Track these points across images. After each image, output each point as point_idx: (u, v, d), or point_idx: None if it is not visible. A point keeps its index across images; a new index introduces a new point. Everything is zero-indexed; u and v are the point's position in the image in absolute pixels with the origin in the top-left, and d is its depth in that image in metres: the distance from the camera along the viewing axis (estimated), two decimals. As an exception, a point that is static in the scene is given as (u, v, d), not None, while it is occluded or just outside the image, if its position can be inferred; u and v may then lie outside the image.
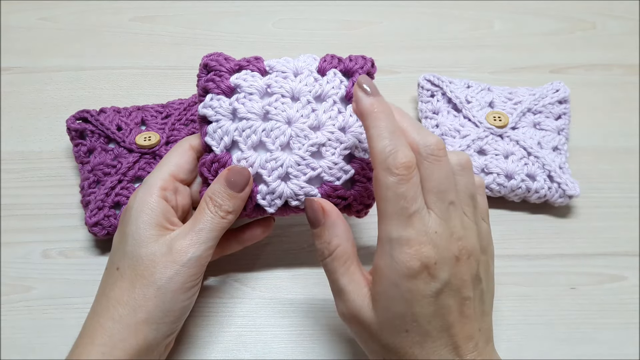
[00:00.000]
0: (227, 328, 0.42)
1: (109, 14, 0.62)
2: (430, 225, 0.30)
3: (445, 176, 0.31)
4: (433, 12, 0.64)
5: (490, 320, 0.34)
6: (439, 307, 0.30)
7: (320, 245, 0.33)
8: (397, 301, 0.30)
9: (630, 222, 0.48)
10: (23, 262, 0.44)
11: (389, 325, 0.31)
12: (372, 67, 0.40)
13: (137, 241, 0.34)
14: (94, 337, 0.33)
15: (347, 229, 0.33)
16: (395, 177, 0.30)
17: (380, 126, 0.31)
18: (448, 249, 0.30)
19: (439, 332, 0.30)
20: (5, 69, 0.56)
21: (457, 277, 0.30)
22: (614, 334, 0.42)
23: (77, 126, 0.46)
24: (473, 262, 0.31)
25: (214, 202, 0.35)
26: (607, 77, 0.59)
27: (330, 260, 0.33)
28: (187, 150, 0.38)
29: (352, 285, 0.32)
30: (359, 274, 0.33)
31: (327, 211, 0.33)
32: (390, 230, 0.30)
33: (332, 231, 0.33)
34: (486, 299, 0.33)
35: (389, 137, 0.30)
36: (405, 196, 0.30)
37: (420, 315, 0.30)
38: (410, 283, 0.30)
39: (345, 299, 0.32)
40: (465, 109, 0.50)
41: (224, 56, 0.39)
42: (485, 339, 0.32)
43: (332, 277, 0.33)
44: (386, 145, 0.30)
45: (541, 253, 0.46)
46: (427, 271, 0.30)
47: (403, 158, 0.30)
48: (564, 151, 0.49)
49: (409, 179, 0.30)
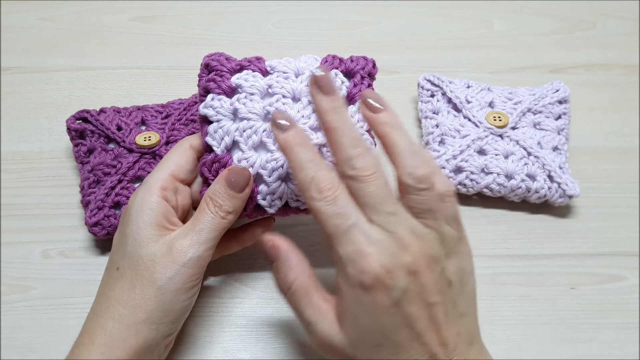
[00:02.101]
0: (227, 328, 0.42)
1: (109, 14, 0.62)
2: (373, 235, 0.30)
3: (377, 190, 0.31)
4: (433, 12, 0.64)
5: (471, 321, 0.33)
6: (403, 316, 0.30)
7: (278, 280, 0.33)
8: (362, 316, 0.30)
9: (630, 222, 0.48)
10: (23, 262, 0.44)
11: (360, 343, 0.31)
12: (374, 67, 0.40)
13: (137, 241, 0.34)
14: (94, 337, 0.33)
15: (301, 260, 0.33)
16: (321, 201, 0.31)
17: (298, 158, 0.32)
18: (399, 257, 0.30)
19: (410, 342, 0.30)
20: (5, 69, 0.56)
21: (416, 284, 0.30)
22: (614, 334, 0.42)
23: (77, 126, 0.46)
24: (434, 265, 0.31)
25: (214, 202, 0.35)
26: (607, 77, 0.59)
27: (290, 294, 0.33)
28: (187, 150, 0.38)
29: (317, 315, 0.32)
30: (322, 302, 0.32)
31: (278, 247, 0.33)
32: (337, 250, 0.31)
33: (286, 265, 0.33)
34: (461, 301, 0.32)
35: (308, 165, 0.31)
36: (336, 214, 0.30)
37: (387, 327, 0.30)
38: (368, 296, 0.30)
39: (314, 330, 0.32)
40: (465, 109, 0.50)
41: (225, 56, 0.39)
42: (466, 342, 0.32)
43: (296, 311, 0.33)
44: (307, 174, 0.31)
45: (541, 253, 0.46)
46: (381, 282, 0.29)
47: (323, 182, 0.31)
48: (564, 151, 0.49)
49: (334, 198, 0.31)
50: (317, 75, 0.33)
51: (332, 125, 0.32)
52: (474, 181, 0.47)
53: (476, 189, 0.47)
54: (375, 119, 0.33)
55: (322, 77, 0.33)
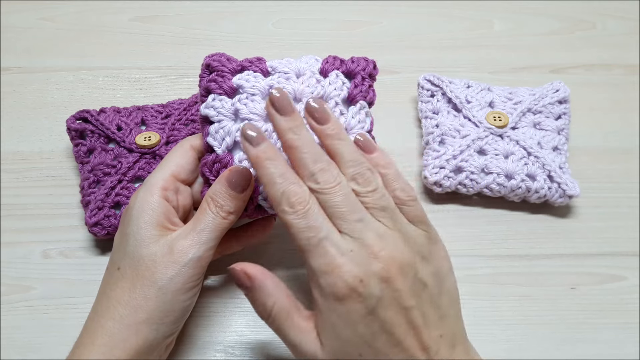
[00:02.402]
0: (227, 328, 0.42)
1: (109, 14, 0.62)
2: (343, 246, 0.31)
3: (342, 199, 0.32)
4: (433, 12, 0.64)
5: (454, 322, 0.33)
6: (381, 323, 0.30)
7: (257, 308, 0.33)
8: (340, 327, 0.31)
9: (630, 222, 0.48)
10: (23, 262, 0.44)
11: (343, 354, 0.31)
12: (374, 68, 0.40)
13: (138, 241, 0.34)
14: (95, 337, 0.33)
15: (277, 284, 0.33)
16: (292, 215, 0.31)
17: (269, 173, 0.32)
18: (369, 264, 0.30)
19: (391, 349, 0.30)
20: (5, 69, 0.56)
21: (390, 288, 0.30)
22: (614, 334, 0.42)
23: (77, 126, 0.46)
24: (406, 269, 0.31)
25: (215, 202, 0.35)
26: (607, 77, 0.59)
27: (272, 320, 0.33)
28: (188, 150, 0.38)
29: (301, 336, 0.32)
30: (303, 322, 0.33)
31: (251, 275, 0.33)
32: (309, 262, 0.31)
33: (263, 293, 0.33)
34: (441, 303, 0.32)
35: (278, 180, 0.32)
36: (308, 227, 0.31)
37: (366, 336, 0.30)
38: (344, 306, 0.30)
39: (299, 351, 0.32)
40: (465, 109, 0.50)
41: (227, 56, 0.39)
42: (449, 344, 0.32)
43: (280, 335, 0.33)
44: (278, 189, 0.32)
45: (541, 253, 0.46)
46: (355, 291, 0.30)
47: (294, 196, 0.31)
48: (564, 151, 0.49)
49: (306, 212, 0.31)
50: (274, 96, 0.33)
51: (293, 144, 0.33)
52: (474, 181, 0.47)
53: (476, 189, 0.47)
54: (320, 131, 0.34)
55: (279, 98, 0.33)
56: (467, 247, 0.46)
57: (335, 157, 0.33)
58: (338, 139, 0.34)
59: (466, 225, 0.48)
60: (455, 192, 0.48)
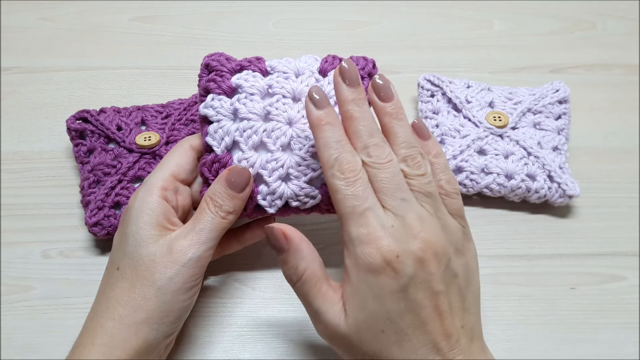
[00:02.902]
0: (227, 328, 0.42)
1: (109, 14, 0.62)
2: (386, 220, 0.31)
3: (391, 176, 0.32)
4: (433, 12, 0.64)
5: (474, 319, 0.33)
6: (409, 302, 0.30)
7: (288, 271, 0.33)
8: (368, 300, 0.31)
9: (630, 222, 0.48)
10: (23, 262, 0.44)
11: (366, 328, 0.31)
12: (374, 68, 0.40)
13: (137, 241, 0.34)
14: (94, 337, 0.33)
15: (312, 250, 0.33)
16: (342, 181, 0.32)
17: (327, 137, 0.33)
18: (408, 242, 0.31)
19: (414, 330, 0.30)
20: (5, 69, 0.56)
21: (424, 270, 0.31)
22: (614, 334, 0.42)
23: (77, 126, 0.46)
24: (441, 255, 0.31)
25: (214, 202, 0.35)
26: (607, 77, 0.59)
27: (301, 284, 0.33)
28: (187, 150, 0.39)
29: (326, 305, 0.32)
30: (331, 292, 0.33)
31: (289, 236, 0.33)
32: (349, 230, 0.31)
33: (298, 256, 0.33)
34: (467, 296, 0.33)
35: (334, 146, 0.33)
36: (355, 196, 0.32)
37: (392, 312, 0.30)
38: (376, 279, 0.30)
39: (321, 320, 0.33)
40: (465, 109, 0.50)
41: (226, 56, 0.39)
42: (468, 337, 0.32)
43: (305, 301, 0.33)
44: (332, 153, 0.32)
45: (541, 253, 0.46)
46: (390, 266, 0.30)
47: (346, 164, 0.32)
48: (564, 151, 0.49)
49: (355, 181, 0.32)
50: (344, 67, 0.34)
51: (353, 114, 0.33)
52: (474, 181, 0.47)
53: (476, 189, 0.47)
54: (380, 108, 0.35)
55: (348, 69, 0.34)
56: (467, 247, 0.46)
57: (390, 136, 0.34)
58: (397, 118, 0.34)
59: (466, 225, 0.48)
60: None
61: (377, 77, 0.35)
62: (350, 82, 0.34)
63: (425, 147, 0.36)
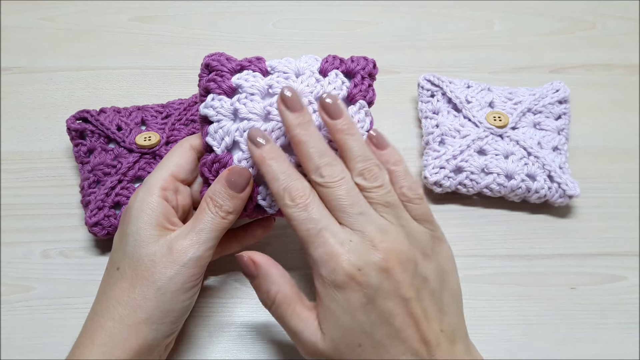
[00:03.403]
0: (227, 328, 0.42)
1: (109, 14, 0.62)
2: (343, 236, 0.32)
3: (345, 193, 0.33)
4: (433, 12, 0.64)
5: (455, 320, 0.33)
6: (379, 312, 0.31)
7: (261, 296, 0.34)
8: (340, 316, 0.31)
9: (630, 222, 0.48)
10: (23, 262, 0.44)
11: (343, 344, 0.31)
12: (374, 68, 0.40)
13: (137, 241, 0.34)
14: (94, 337, 0.33)
15: (282, 273, 0.34)
16: (294, 208, 0.33)
17: (272, 170, 0.34)
18: (369, 254, 0.31)
19: (390, 340, 0.31)
20: (5, 69, 0.56)
21: (389, 279, 0.31)
22: (614, 334, 0.42)
23: (77, 126, 0.46)
24: (406, 262, 0.32)
25: (214, 202, 0.35)
26: (607, 77, 0.59)
27: (275, 308, 0.34)
28: (187, 150, 0.38)
29: (302, 325, 0.33)
30: (305, 311, 0.33)
31: (257, 263, 0.34)
32: (311, 252, 0.32)
33: (268, 280, 0.34)
34: (442, 299, 0.33)
35: (281, 177, 0.33)
36: (308, 219, 0.32)
37: (365, 325, 0.31)
38: (343, 294, 0.31)
39: (299, 339, 0.33)
40: (465, 109, 0.50)
41: (226, 56, 0.39)
42: (450, 340, 0.32)
43: (282, 323, 0.34)
44: (280, 184, 0.33)
45: (541, 253, 0.46)
46: (354, 280, 0.31)
47: (295, 191, 0.33)
48: (564, 151, 0.49)
49: (306, 205, 0.32)
50: (284, 94, 0.34)
51: (300, 139, 0.34)
52: (474, 181, 0.47)
53: (476, 189, 0.47)
54: (332, 126, 0.35)
55: (288, 96, 0.34)
56: (467, 247, 0.46)
57: (344, 152, 0.35)
58: (349, 133, 0.35)
59: (466, 225, 0.48)
60: (455, 192, 0.48)
61: (324, 96, 0.35)
62: (292, 107, 0.34)
63: (383, 156, 0.36)
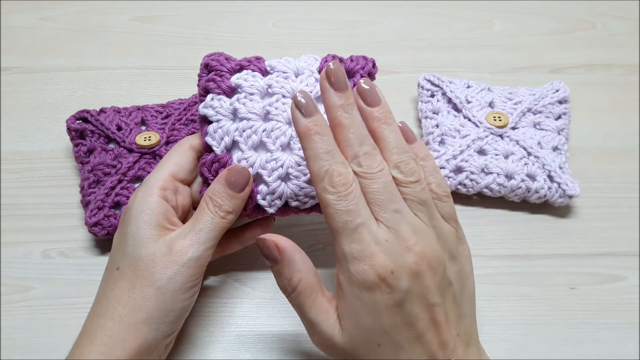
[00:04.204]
0: (227, 328, 0.42)
1: (109, 14, 0.62)
2: (379, 235, 0.30)
3: (383, 187, 0.31)
4: (433, 12, 0.64)
5: (470, 323, 0.33)
6: (405, 316, 0.30)
7: (282, 282, 0.33)
8: (363, 315, 0.30)
9: (630, 222, 0.48)
10: (23, 262, 0.44)
11: (361, 342, 0.31)
12: (374, 67, 0.40)
13: (137, 241, 0.34)
14: (94, 337, 0.33)
15: (306, 260, 0.33)
16: (333, 195, 0.30)
17: (316, 147, 0.31)
18: (402, 256, 0.30)
19: (410, 343, 0.30)
20: (5, 69, 0.56)
21: (419, 284, 0.30)
22: (614, 334, 0.42)
23: (77, 126, 0.46)
24: (436, 266, 0.31)
25: (214, 202, 0.35)
26: (607, 77, 0.59)
27: (295, 295, 0.32)
28: (187, 150, 0.38)
29: (321, 316, 0.32)
30: (326, 303, 0.32)
31: (282, 248, 0.32)
32: (342, 246, 0.30)
33: (292, 267, 0.32)
34: (462, 303, 0.32)
35: (324, 157, 0.31)
36: (347, 211, 0.30)
37: (388, 327, 0.30)
38: (370, 295, 0.30)
39: (317, 331, 0.32)
40: (465, 109, 0.50)
41: (225, 56, 0.39)
42: (465, 343, 0.32)
43: (300, 312, 0.33)
44: (322, 165, 0.31)
45: (541, 253, 0.46)
46: (385, 282, 0.30)
47: (337, 177, 0.30)
48: (564, 151, 0.49)
49: (347, 195, 0.30)
50: (331, 69, 0.32)
51: (342, 121, 0.32)
52: (474, 181, 0.47)
53: (476, 189, 0.47)
54: (368, 113, 0.33)
55: (335, 72, 0.32)
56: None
57: (380, 142, 0.33)
58: (385, 122, 0.33)
59: (466, 225, 0.47)
60: (455, 192, 0.48)
61: (362, 82, 0.33)
62: (338, 86, 0.32)
63: (412, 150, 0.34)
